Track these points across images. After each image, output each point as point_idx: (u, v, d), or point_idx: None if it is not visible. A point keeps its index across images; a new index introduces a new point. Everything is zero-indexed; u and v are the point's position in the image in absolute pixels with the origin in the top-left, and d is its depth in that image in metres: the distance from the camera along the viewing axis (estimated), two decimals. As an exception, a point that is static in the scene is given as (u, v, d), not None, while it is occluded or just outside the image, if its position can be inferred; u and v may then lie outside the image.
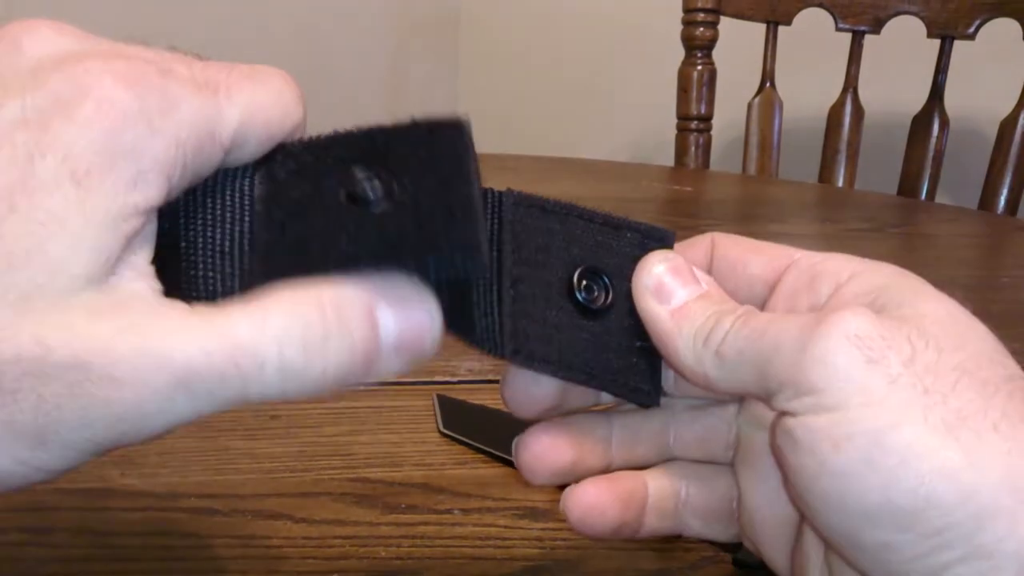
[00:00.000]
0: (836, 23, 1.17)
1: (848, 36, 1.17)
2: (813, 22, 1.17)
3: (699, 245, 0.28)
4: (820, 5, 1.17)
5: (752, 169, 1.19)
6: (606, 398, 0.28)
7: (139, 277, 0.21)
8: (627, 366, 0.27)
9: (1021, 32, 1.09)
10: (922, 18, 1.14)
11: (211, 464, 0.38)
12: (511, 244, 0.25)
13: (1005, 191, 1.11)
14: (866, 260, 0.26)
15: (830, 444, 0.21)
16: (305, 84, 0.26)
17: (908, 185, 1.17)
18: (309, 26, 1.63)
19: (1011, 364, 0.23)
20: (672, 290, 0.26)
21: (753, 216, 0.94)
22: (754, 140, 1.19)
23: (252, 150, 0.23)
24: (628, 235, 0.27)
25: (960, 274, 0.73)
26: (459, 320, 0.24)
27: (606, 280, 0.27)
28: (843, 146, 1.18)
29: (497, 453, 0.40)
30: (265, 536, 0.34)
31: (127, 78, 0.21)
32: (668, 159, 1.25)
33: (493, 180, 0.25)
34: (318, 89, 1.67)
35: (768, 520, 0.27)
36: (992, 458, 0.21)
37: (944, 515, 0.21)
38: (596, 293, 0.26)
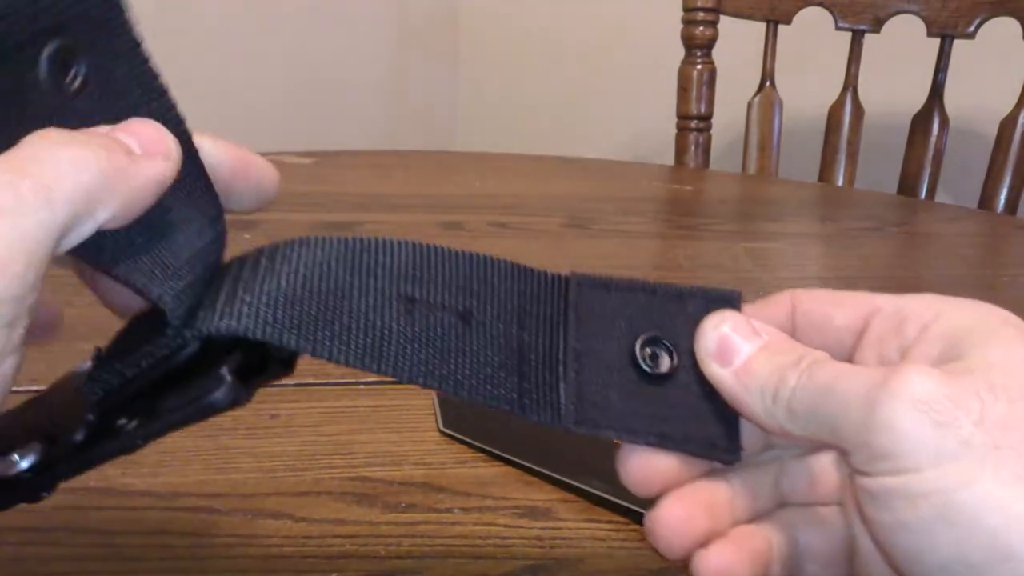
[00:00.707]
0: (836, 22, 1.17)
1: (848, 35, 1.17)
2: (813, 21, 1.17)
3: (778, 304, 0.29)
4: (820, 4, 1.16)
5: (752, 168, 1.19)
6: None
7: None
8: (701, 426, 0.27)
9: (1021, 31, 1.09)
10: (922, 17, 1.14)
11: (211, 463, 0.39)
12: (574, 322, 0.27)
13: (1005, 190, 1.11)
14: (952, 299, 0.26)
15: (905, 503, 0.22)
16: (305, 84, 0.26)
17: (908, 184, 1.17)
18: (309, 26, 1.63)
19: None
20: (733, 349, 0.26)
21: (753, 216, 0.94)
22: (754, 139, 1.19)
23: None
24: (691, 302, 0.28)
25: (960, 273, 0.73)
26: (523, 401, 0.26)
27: (669, 345, 0.27)
28: (843, 145, 1.18)
29: (497, 452, 0.40)
30: (265, 535, 0.34)
31: None
32: (668, 159, 1.25)
33: (493, 180, 0.25)
34: (318, 89, 1.67)
35: (880, 561, 0.27)
36: None
37: (1017, 566, 0.21)
38: (661, 359, 0.27)
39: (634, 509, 0.35)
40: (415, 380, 0.24)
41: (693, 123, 1.19)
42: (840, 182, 1.18)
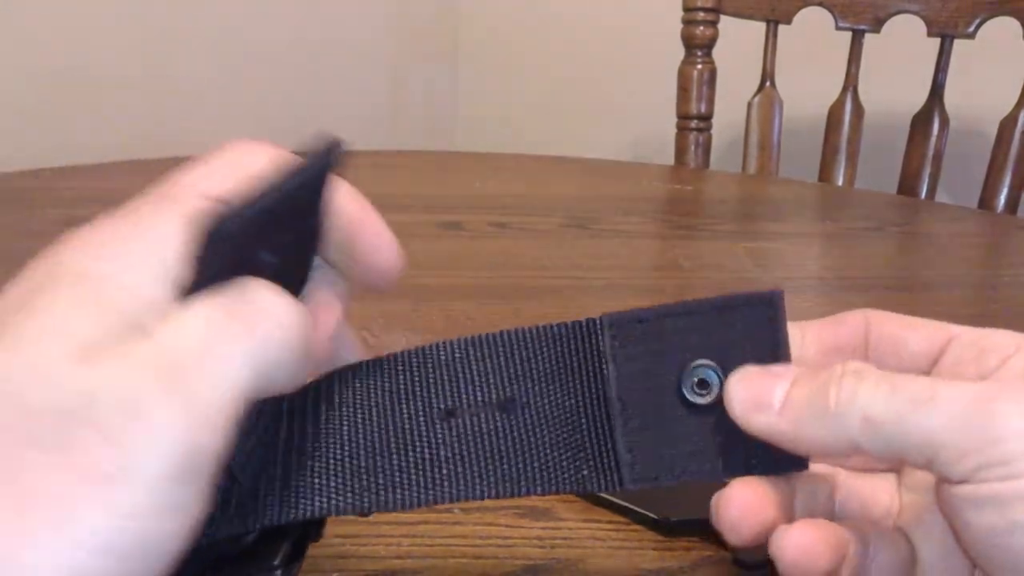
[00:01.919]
0: (836, 22, 1.17)
1: (848, 35, 1.17)
2: (813, 21, 1.17)
3: (852, 323, 0.29)
4: (820, 4, 1.17)
5: (752, 168, 1.19)
6: None
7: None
8: (761, 444, 0.26)
9: (1021, 31, 1.09)
10: (922, 17, 1.14)
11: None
12: (613, 371, 0.26)
13: (1005, 190, 1.11)
14: (1016, 339, 0.27)
15: (1020, 504, 0.22)
16: (305, 85, 0.26)
17: (908, 184, 1.17)
18: (309, 26, 1.63)
19: None
20: (766, 395, 0.26)
21: (753, 216, 0.94)
22: (754, 139, 1.19)
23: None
24: (729, 314, 0.26)
25: (960, 273, 0.73)
26: (581, 474, 0.26)
27: (715, 368, 0.26)
28: (843, 145, 1.18)
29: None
30: (265, 536, 0.34)
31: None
32: (668, 158, 1.25)
33: (493, 180, 0.25)
34: (318, 89, 1.67)
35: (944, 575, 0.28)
36: None
37: None
38: (710, 385, 0.26)
39: (634, 509, 0.35)
40: (473, 497, 0.24)
41: (693, 123, 1.19)
42: (840, 182, 1.18)
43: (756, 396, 0.26)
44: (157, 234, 0.20)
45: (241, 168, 0.23)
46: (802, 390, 0.25)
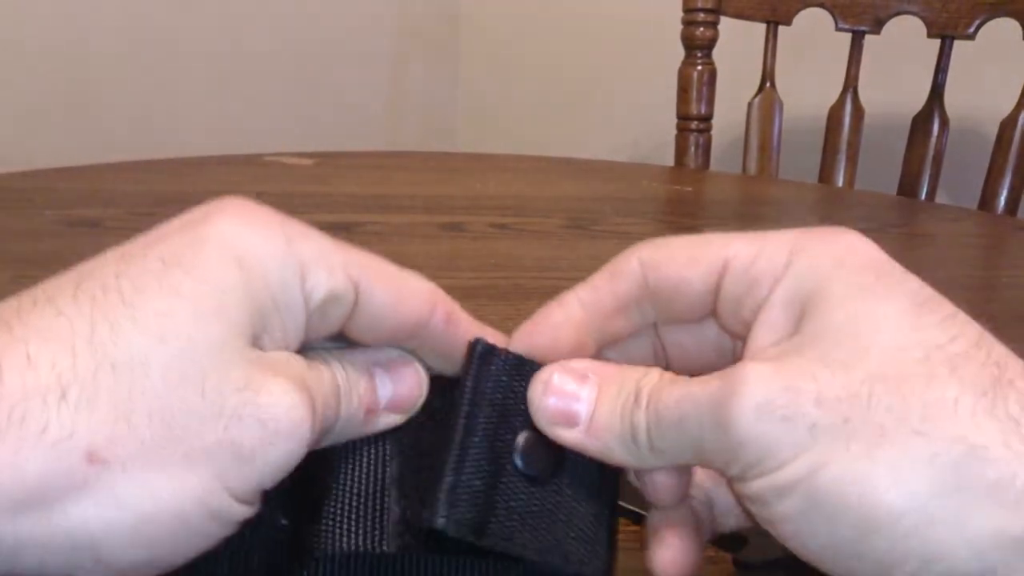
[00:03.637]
0: (836, 23, 1.17)
1: (848, 36, 1.17)
2: (813, 22, 1.17)
3: (627, 274, 0.27)
4: (820, 5, 1.17)
5: (752, 169, 1.19)
6: None
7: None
8: (578, 536, 0.26)
9: (1021, 32, 1.09)
10: (922, 18, 1.14)
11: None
12: (465, 414, 0.25)
13: (1005, 191, 1.11)
14: (808, 238, 0.25)
15: (778, 499, 0.23)
16: (305, 85, 0.26)
17: (908, 185, 1.17)
18: (309, 26, 1.63)
19: (932, 334, 0.23)
20: (571, 409, 0.26)
21: (753, 216, 0.94)
22: (754, 140, 1.19)
23: (374, 316, 0.25)
24: None
25: (960, 274, 0.73)
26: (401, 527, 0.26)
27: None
28: (843, 146, 1.18)
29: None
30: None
31: (266, 209, 0.24)
32: (668, 159, 1.25)
33: (493, 180, 0.25)
34: (318, 89, 1.67)
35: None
36: (916, 470, 0.21)
37: (887, 536, 0.21)
38: (542, 459, 0.26)
39: (634, 509, 0.35)
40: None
41: (693, 124, 1.19)
42: (840, 183, 1.18)
43: (562, 410, 0.26)
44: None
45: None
46: (607, 413, 0.25)
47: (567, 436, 0.26)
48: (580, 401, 0.26)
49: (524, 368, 0.26)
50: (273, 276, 0.23)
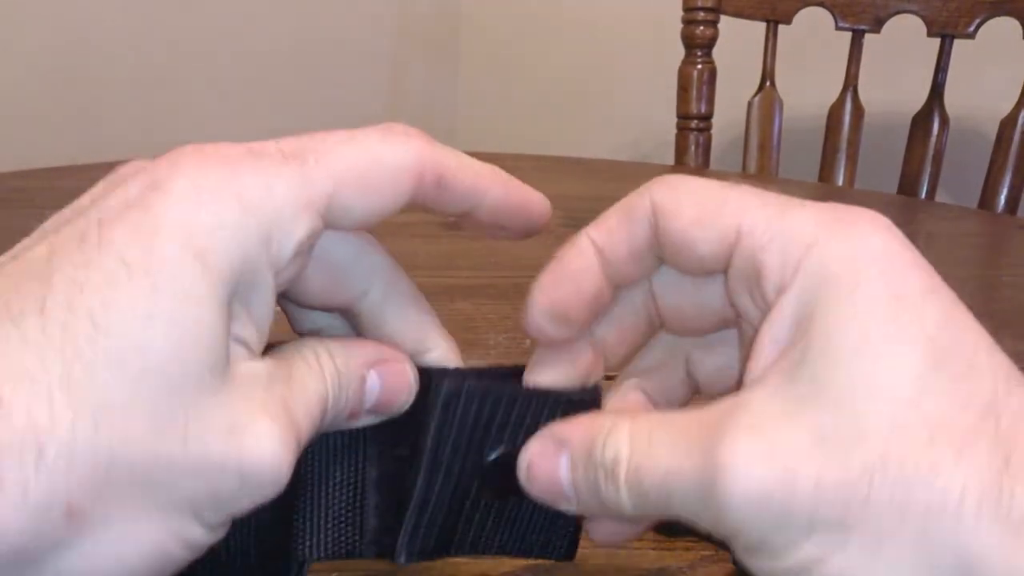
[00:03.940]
0: (836, 22, 1.17)
1: (848, 35, 1.17)
2: (813, 21, 1.17)
3: (640, 216, 0.25)
4: (820, 4, 1.17)
5: (752, 168, 1.19)
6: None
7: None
8: (543, 527, 0.27)
9: (1021, 31, 1.09)
10: (922, 17, 1.14)
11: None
12: (435, 430, 0.25)
13: (1005, 190, 1.11)
14: (817, 231, 0.23)
15: (778, 573, 0.21)
16: (305, 85, 0.27)
17: (908, 184, 1.17)
18: (309, 26, 1.63)
19: (941, 404, 0.21)
20: (559, 489, 0.24)
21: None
22: (754, 139, 1.19)
23: (357, 216, 0.24)
24: (548, 409, 0.26)
25: (960, 273, 0.73)
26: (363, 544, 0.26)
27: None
28: (843, 145, 1.18)
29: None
30: (265, 536, 0.34)
31: (216, 157, 0.22)
32: (668, 158, 1.25)
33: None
34: (318, 89, 1.67)
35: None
36: None
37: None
38: (514, 473, 0.25)
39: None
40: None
41: (693, 123, 1.19)
42: (840, 182, 1.18)
43: (549, 489, 0.25)
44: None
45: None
46: (582, 489, 0.24)
47: (568, 509, 0.25)
48: (564, 483, 0.24)
49: (493, 391, 0.25)
50: (235, 263, 0.21)
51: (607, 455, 0.23)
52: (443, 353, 0.26)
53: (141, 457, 0.20)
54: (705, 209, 0.24)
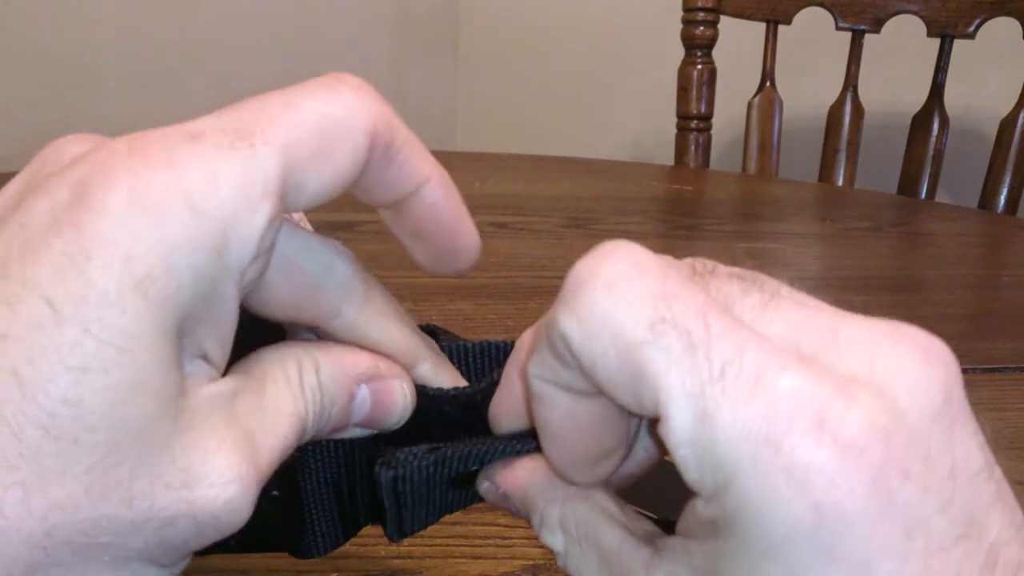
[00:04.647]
0: (836, 22, 1.17)
1: (848, 35, 1.17)
2: (813, 21, 1.17)
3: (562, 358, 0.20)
4: (820, 4, 1.17)
5: (752, 168, 1.19)
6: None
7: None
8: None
9: (1021, 32, 1.09)
10: (922, 17, 1.14)
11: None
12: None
13: (1005, 190, 1.11)
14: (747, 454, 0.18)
15: None
16: (305, 84, 0.26)
17: (908, 184, 1.17)
18: (308, 26, 1.63)
19: None
20: (535, 505, 0.23)
21: (753, 216, 0.94)
22: (754, 139, 1.19)
23: (311, 194, 0.20)
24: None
25: (960, 273, 0.73)
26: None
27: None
28: (843, 145, 1.18)
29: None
30: (265, 536, 0.34)
31: (153, 152, 0.19)
32: (668, 159, 1.25)
33: (492, 180, 0.25)
34: (318, 89, 1.67)
35: None
36: None
37: None
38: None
39: (634, 510, 0.35)
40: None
41: (693, 123, 1.19)
42: (840, 182, 1.18)
43: (526, 507, 0.23)
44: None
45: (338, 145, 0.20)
46: (548, 526, 0.22)
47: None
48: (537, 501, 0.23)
49: (441, 467, 0.24)
50: (185, 283, 0.18)
51: (546, 541, 0.22)
52: (431, 366, 0.24)
53: (82, 524, 0.18)
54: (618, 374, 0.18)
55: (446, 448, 0.24)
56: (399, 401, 0.23)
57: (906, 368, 0.17)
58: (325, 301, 0.22)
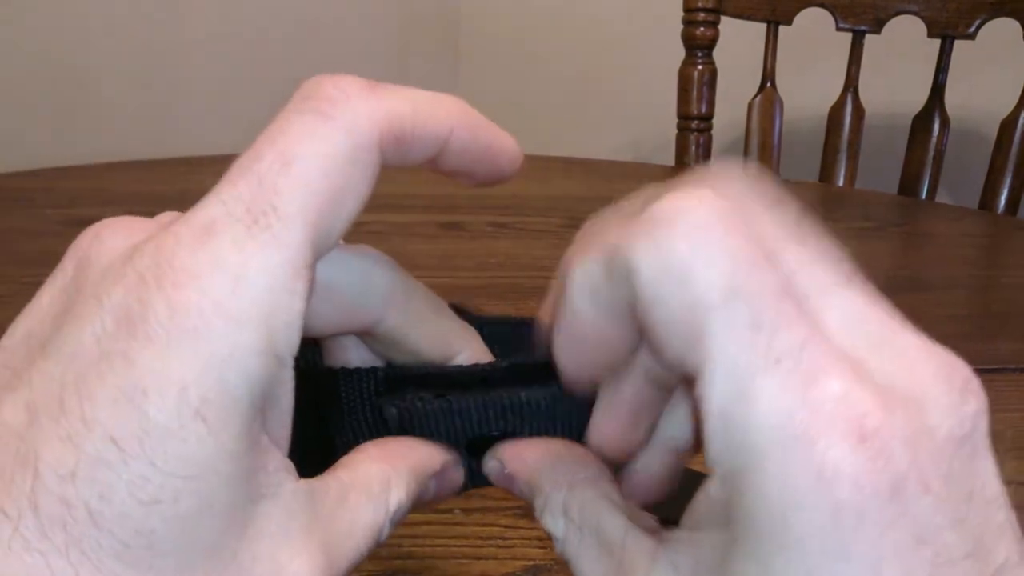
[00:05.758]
0: (836, 23, 1.17)
1: (848, 36, 1.17)
2: (813, 22, 1.17)
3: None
4: (821, 5, 1.17)
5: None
6: None
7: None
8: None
9: (1021, 32, 1.09)
10: (922, 18, 1.14)
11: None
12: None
13: (1005, 191, 1.11)
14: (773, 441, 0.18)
15: None
16: (305, 84, 0.26)
17: (908, 184, 1.17)
18: (309, 26, 1.63)
19: None
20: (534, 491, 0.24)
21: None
22: (754, 140, 1.19)
23: (343, 226, 0.22)
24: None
25: (961, 273, 0.73)
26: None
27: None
28: (843, 146, 1.18)
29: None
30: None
31: (181, 259, 0.18)
32: (668, 159, 1.25)
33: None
34: (318, 89, 1.67)
35: None
36: None
37: None
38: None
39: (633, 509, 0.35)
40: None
41: (694, 123, 1.19)
42: (840, 182, 1.18)
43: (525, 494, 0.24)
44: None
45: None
46: (548, 515, 0.23)
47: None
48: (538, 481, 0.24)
49: (449, 416, 0.25)
50: (244, 396, 0.18)
51: (547, 526, 0.23)
52: (471, 355, 0.25)
53: None
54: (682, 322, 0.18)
55: (456, 400, 0.24)
56: (456, 486, 0.25)
57: (942, 391, 0.18)
58: (367, 315, 0.23)
